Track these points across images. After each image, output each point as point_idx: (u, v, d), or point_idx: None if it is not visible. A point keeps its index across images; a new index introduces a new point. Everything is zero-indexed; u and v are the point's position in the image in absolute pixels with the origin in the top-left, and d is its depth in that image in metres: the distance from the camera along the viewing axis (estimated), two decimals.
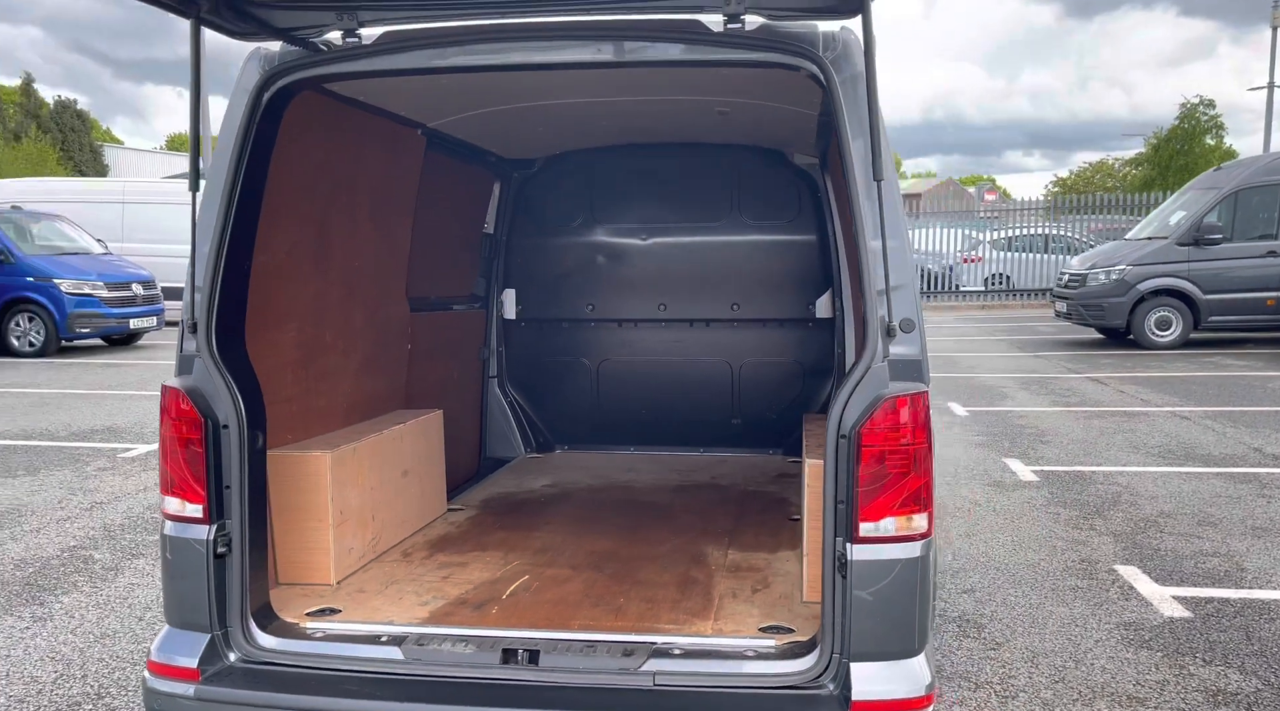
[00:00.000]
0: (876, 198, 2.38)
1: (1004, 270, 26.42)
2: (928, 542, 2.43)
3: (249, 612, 2.56)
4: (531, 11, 2.50)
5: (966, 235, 27.37)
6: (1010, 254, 26.35)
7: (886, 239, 2.40)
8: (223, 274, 2.58)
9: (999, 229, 27.41)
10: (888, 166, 2.45)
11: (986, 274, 26.45)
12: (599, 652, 2.50)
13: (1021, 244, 26.41)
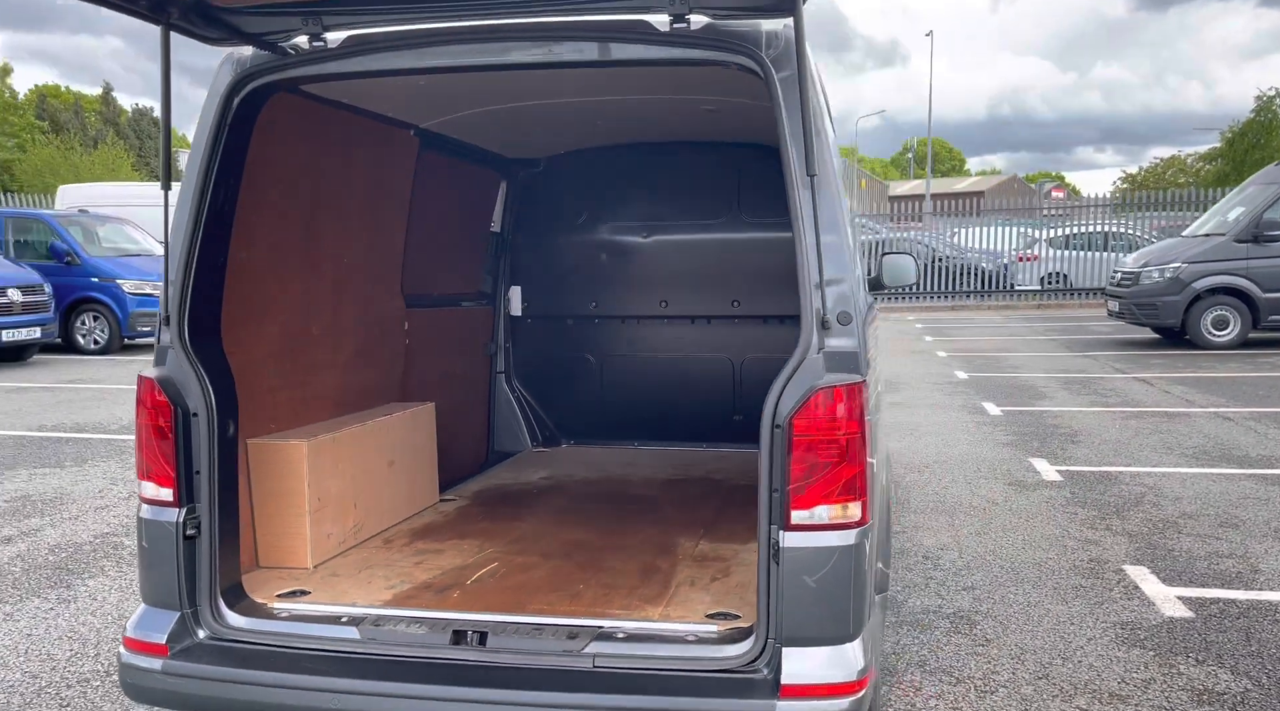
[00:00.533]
0: (810, 192, 2.42)
1: (1062, 269, 25.89)
2: (863, 531, 2.47)
3: (218, 592, 2.69)
4: (484, 14, 2.60)
5: (1023, 233, 26.88)
6: (1068, 252, 25.81)
7: (821, 234, 2.44)
8: (195, 270, 2.71)
9: (1056, 227, 26.85)
10: (824, 162, 2.50)
11: (1043, 273, 25.93)
12: (545, 635, 2.58)
13: (1080, 242, 25.85)
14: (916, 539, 5.57)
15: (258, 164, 2.98)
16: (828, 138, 2.70)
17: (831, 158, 2.61)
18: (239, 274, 2.99)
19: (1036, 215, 28.53)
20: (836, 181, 2.55)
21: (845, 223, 2.56)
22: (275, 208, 3.17)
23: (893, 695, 3.63)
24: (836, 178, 2.55)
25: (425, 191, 4.17)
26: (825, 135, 2.65)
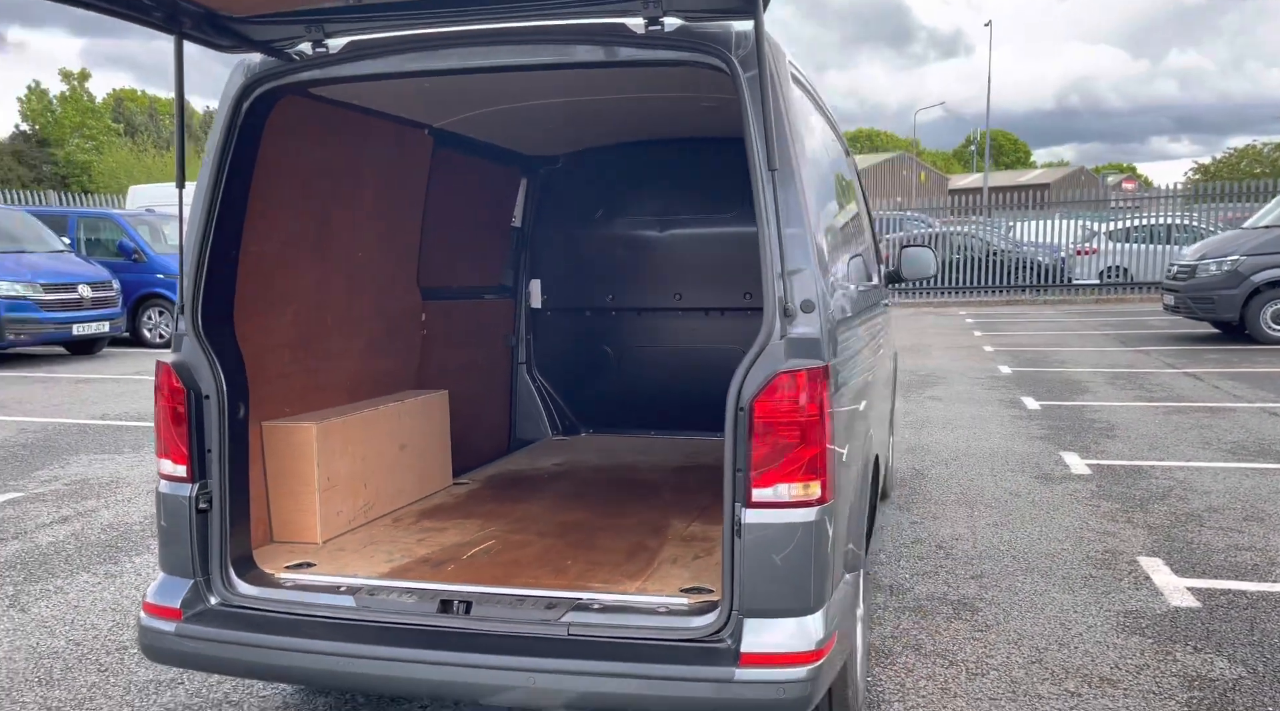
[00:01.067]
0: (772, 186, 2.54)
1: (1122, 262, 25.36)
2: (822, 509, 2.58)
3: (229, 562, 2.90)
4: (472, 20, 2.75)
5: (1083, 226, 26.38)
6: (1129, 245, 25.27)
7: (782, 226, 2.56)
8: (209, 263, 2.93)
9: (1116, 219, 26.28)
10: (787, 158, 2.62)
11: (1102, 266, 25.43)
12: (525, 605, 2.74)
13: (1142, 235, 25.28)
14: (933, 529, 5.63)
15: (271, 163, 3.18)
16: (801, 135, 2.81)
17: (799, 154, 2.71)
18: (253, 267, 3.20)
19: (1104, 207, 27.86)
20: (800, 176, 2.66)
21: (810, 215, 2.67)
22: (289, 204, 3.38)
23: (885, 676, 3.73)
24: (800, 173, 2.66)
25: (442, 188, 4.36)
26: (796, 132, 2.75)
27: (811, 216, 2.70)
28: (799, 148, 2.74)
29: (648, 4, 2.56)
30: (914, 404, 9.95)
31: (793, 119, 2.77)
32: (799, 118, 2.90)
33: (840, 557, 2.79)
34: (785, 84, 2.76)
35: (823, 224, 2.99)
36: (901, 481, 6.76)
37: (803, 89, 3.23)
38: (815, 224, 2.75)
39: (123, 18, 2.65)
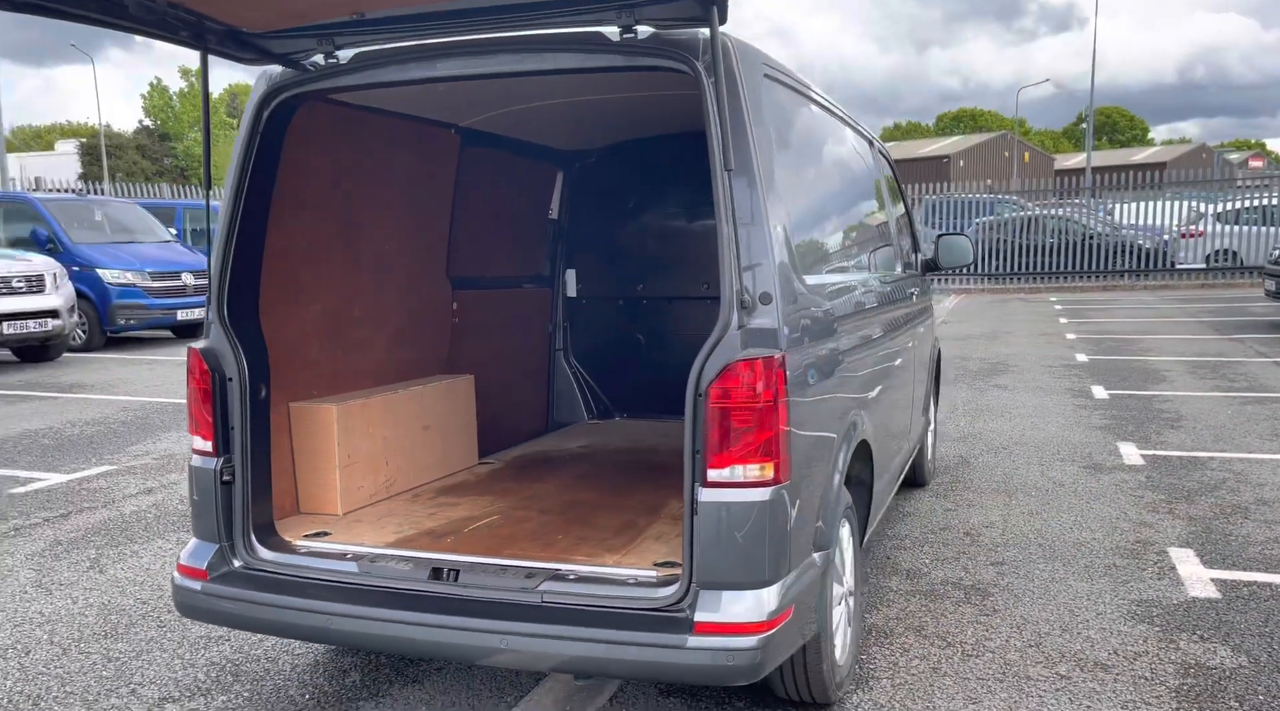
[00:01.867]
0: (727, 185, 2.70)
1: (1230, 245, 24.28)
2: (777, 489, 2.74)
3: (250, 529, 3.21)
4: (465, 31, 2.98)
5: (1190, 207, 25.32)
6: (1240, 227, 24.16)
7: (738, 223, 2.72)
8: (233, 258, 3.23)
9: (1225, 200, 25.14)
10: (746, 158, 2.77)
11: (1209, 250, 24.40)
12: (508, 574, 2.97)
13: (1253, 216, 24.15)
14: (965, 516, 5.67)
15: (297, 165, 3.47)
16: (768, 136, 2.94)
17: (764, 154, 2.85)
18: (281, 260, 3.50)
19: (1230, 187, 26.38)
20: (760, 176, 2.80)
21: (769, 213, 2.81)
22: (315, 202, 3.66)
23: (880, 654, 3.85)
24: (760, 173, 2.81)
25: (473, 183, 4.61)
26: (763, 133, 2.89)
27: (772, 214, 2.84)
28: (764, 148, 2.88)
29: (621, 14, 2.74)
30: (977, 392, 9.88)
31: (760, 120, 2.91)
32: (770, 118, 3.03)
33: (804, 536, 2.94)
34: (752, 87, 2.91)
35: (795, 221, 3.12)
36: (945, 469, 6.79)
37: (789, 88, 3.36)
38: (778, 221, 2.89)
39: (155, 37, 2.95)
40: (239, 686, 3.65)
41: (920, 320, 5.47)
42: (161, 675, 3.75)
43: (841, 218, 3.86)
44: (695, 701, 3.48)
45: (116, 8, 2.73)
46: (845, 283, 3.66)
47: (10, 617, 4.34)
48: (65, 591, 4.65)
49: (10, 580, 4.81)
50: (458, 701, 3.50)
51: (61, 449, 7.76)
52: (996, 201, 26.83)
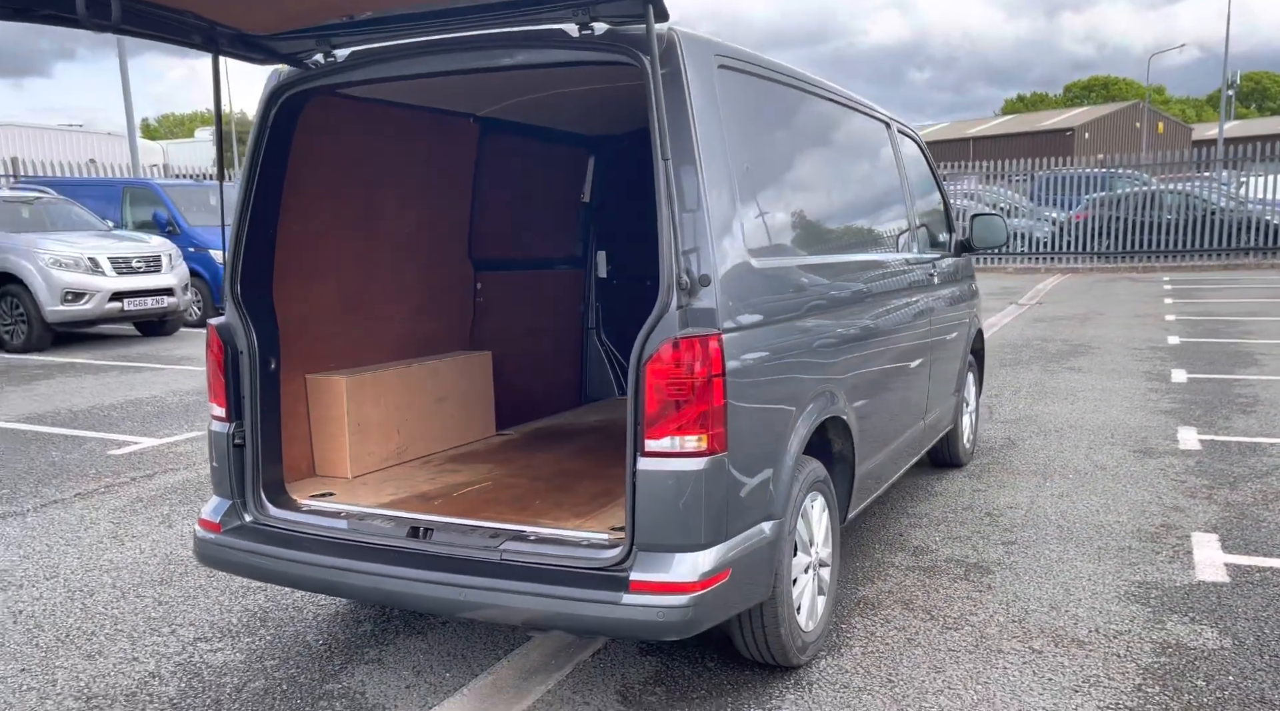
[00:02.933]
0: (665, 173, 2.87)
1: None
2: (713, 459, 2.91)
3: (260, 488, 3.56)
4: (441, 30, 3.22)
5: None
6: None
7: (676, 208, 2.89)
8: (246, 242, 3.56)
9: None
10: (687, 147, 2.94)
11: None
12: (475, 534, 3.24)
13: None
14: (991, 497, 5.69)
15: (310, 154, 3.78)
16: (713, 127, 3.07)
17: (709, 143, 3.01)
18: (297, 243, 3.82)
19: None
20: (702, 164, 2.96)
21: (710, 201, 2.97)
22: (332, 188, 3.97)
23: (859, 624, 3.97)
24: (703, 161, 2.96)
25: (494, 170, 4.87)
26: (707, 125, 3.04)
27: (715, 200, 3.00)
28: (710, 136, 3.04)
29: (577, 12, 2.95)
30: (1048, 374, 9.70)
31: (709, 109, 3.06)
32: (727, 106, 3.18)
33: (749, 505, 3.10)
34: (702, 77, 3.06)
35: (754, 205, 3.27)
36: (988, 450, 6.77)
37: (757, 76, 3.49)
38: (724, 207, 3.05)
39: (172, 42, 3.29)
40: (264, 631, 4.03)
41: (946, 301, 5.49)
42: (200, 618, 4.17)
43: (826, 200, 3.96)
44: (670, 659, 3.69)
45: (138, 17, 3.07)
46: (820, 264, 3.76)
47: (84, 564, 4.84)
48: (135, 542, 5.15)
49: (92, 531, 5.34)
50: (453, 652, 3.80)
51: (160, 416, 8.41)
52: (1113, 176, 25.72)
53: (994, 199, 25.68)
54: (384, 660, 3.75)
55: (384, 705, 3.41)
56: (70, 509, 5.74)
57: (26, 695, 3.52)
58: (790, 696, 3.41)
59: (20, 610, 4.28)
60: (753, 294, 3.18)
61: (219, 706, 3.42)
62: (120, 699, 3.48)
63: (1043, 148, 43.98)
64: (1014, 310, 15.68)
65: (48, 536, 5.26)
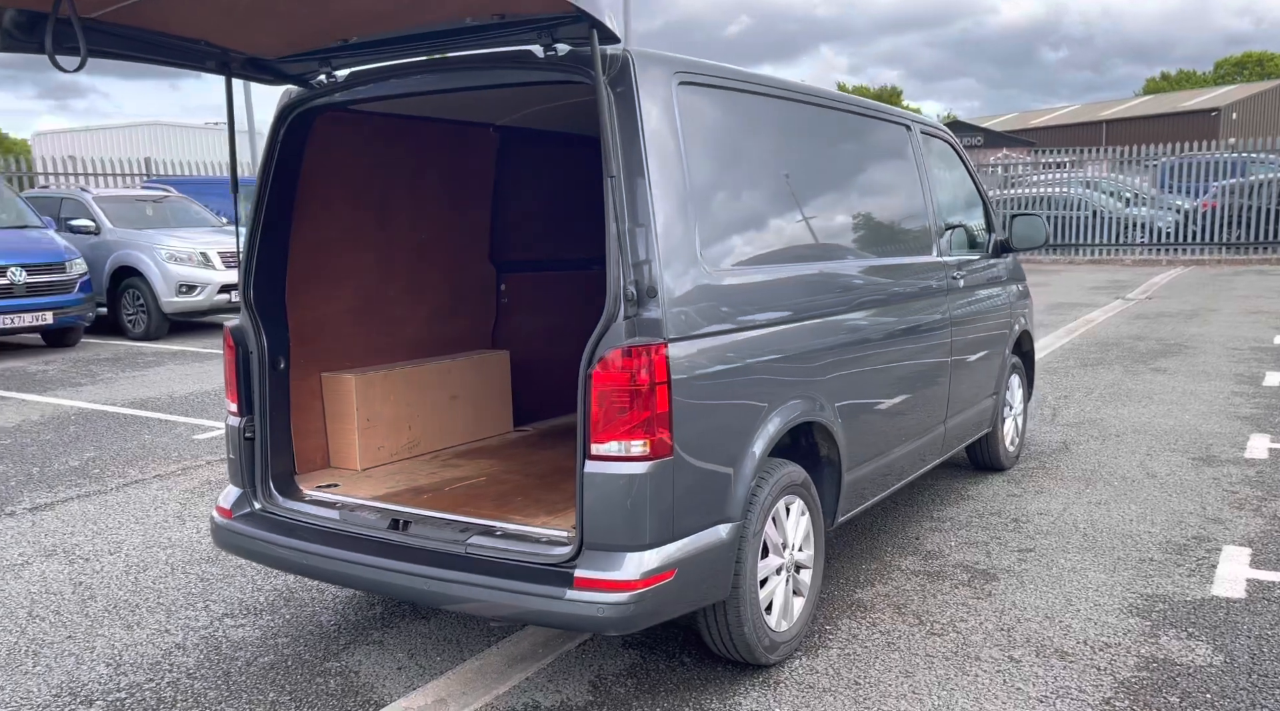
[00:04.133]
0: (611, 189, 2.99)
1: None
2: (656, 464, 3.03)
3: (269, 479, 3.85)
4: (419, 51, 3.44)
5: None
6: None
7: (621, 222, 3.01)
8: (259, 250, 3.85)
9: None
10: (636, 164, 3.05)
11: None
12: (447, 528, 3.44)
13: None
14: (1025, 503, 5.60)
15: (323, 166, 4.05)
16: (665, 143, 3.16)
17: (661, 159, 3.11)
18: (313, 249, 4.10)
19: None
20: (651, 181, 3.07)
21: (658, 215, 3.07)
22: (347, 197, 4.23)
23: (845, 625, 4.02)
24: (652, 177, 3.07)
25: (516, 177, 5.07)
26: (660, 141, 3.14)
27: (663, 215, 3.11)
28: (663, 152, 3.14)
29: (541, 34, 3.12)
30: (1129, 374, 9.36)
31: (663, 126, 3.17)
32: (687, 122, 3.28)
33: (700, 507, 3.20)
34: (656, 95, 3.17)
35: (714, 218, 3.36)
36: (1037, 454, 6.63)
37: (727, 89, 3.56)
38: (675, 221, 3.15)
39: (186, 68, 3.60)
40: (286, 610, 4.35)
41: (976, 303, 5.42)
42: (233, 596, 4.52)
43: (809, 209, 3.99)
44: (649, 652, 3.83)
45: (162, 49, 3.39)
46: (798, 273, 3.80)
47: (145, 540, 5.28)
48: (195, 522, 5.57)
49: (160, 510, 5.80)
50: (449, 637, 4.03)
51: None
52: (1249, 161, 24.27)
53: (1112, 187, 24.63)
54: (385, 642, 4.00)
55: (373, 684, 3.66)
56: (147, 489, 6.23)
57: (66, 659, 3.91)
58: (754, 694, 3.51)
59: (80, 581, 4.72)
60: (711, 304, 3.27)
61: (228, 678, 3.73)
62: (145, 666, 3.83)
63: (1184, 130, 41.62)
64: (1118, 305, 15.08)
65: (121, 513, 5.74)
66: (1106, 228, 24.29)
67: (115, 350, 12.32)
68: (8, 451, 7.21)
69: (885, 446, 4.45)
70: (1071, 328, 12.68)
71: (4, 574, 4.81)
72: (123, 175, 21.94)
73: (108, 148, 26.22)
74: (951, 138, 5.60)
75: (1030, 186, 25.78)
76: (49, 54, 2.83)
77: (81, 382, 10.04)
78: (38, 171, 20.93)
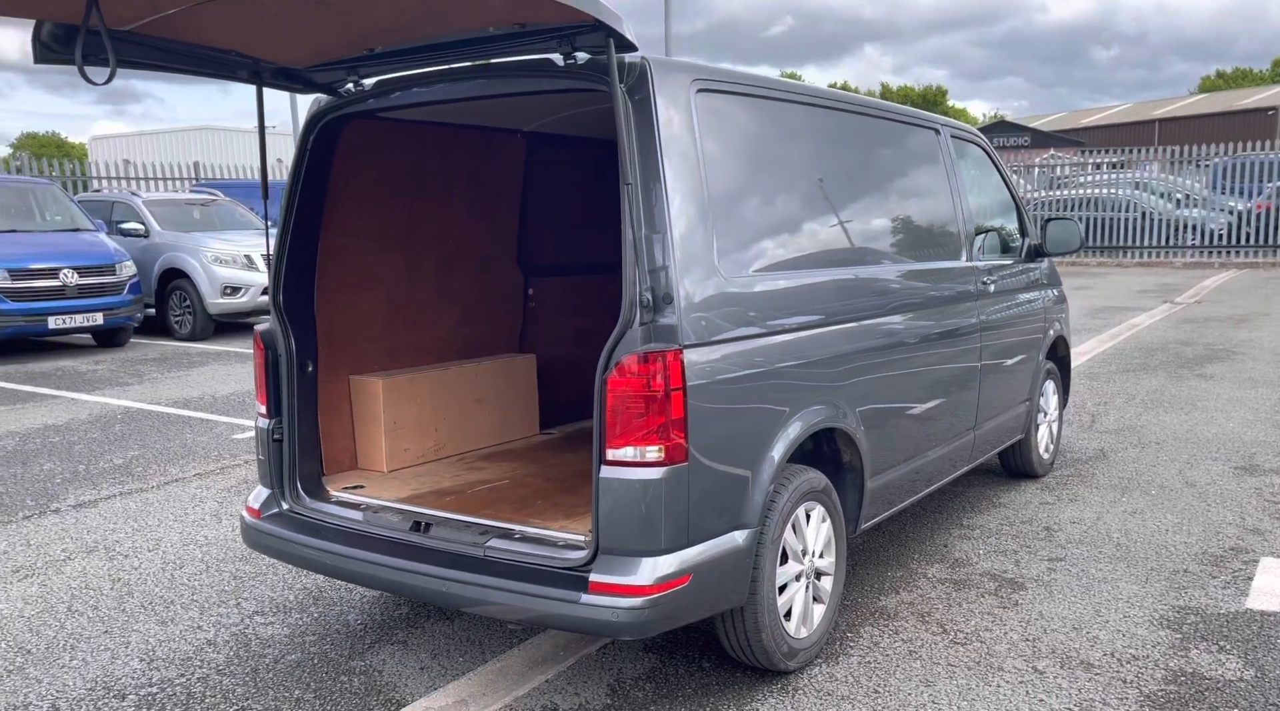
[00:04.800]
0: (627, 196, 3.01)
1: None
2: (671, 469, 3.04)
3: (297, 480, 3.91)
4: (443, 60, 3.48)
5: None
6: None
7: (637, 229, 3.02)
8: (288, 253, 3.92)
9: None
10: (653, 172, 3.07)
11: None
12: (467, 530, 3.48)
13: None
14: (1057, 511, 5.53)
15: (353, 172, 4.11)
16: (685, 151, 3.16)
17: (678, 167, 3.12)
18: (341, 254, 4.16)
19: None
20: (668, 189, 3.08)
21: (673, 224, 3.08)
22: (375, 204, 4.30)
23: (866, 632, 4.00)
24: (669, 186, 3.08)
25: (546, 182, 5.11)
26: (680, 150, 3.15)
27: (680, 223, 3.12)
28: (681, 159, 3.16)
29: (561, 43, 3.15)
30: (1173, 380, 9.19)
31: (682, 133, 3.18)
32: (706, 129, 3.29)
33: (716, 513, 3.21)
34: (675, 102, 3.18)
35: (732, 225, 3.37)
36: (1073, 461, 6.54)
37: (746, 96, 3.57)
38: (692, 228, 3.16)
39: (219, 78, 3.68)
40: (314, 608, 4.42)
41: (1009, 308, 5.36)
42: (264, 594, 4.60)
43: (833, 215, 3.98)
44: (669, 657, 3.84)
45: (195, 60, 3.47)
46: (820, 280, 3.79)
47: (183, 538, 5.40)
48: (231, 521, 5.68)
49: (198, 509, 5.92)
50: (472, 638, 4.07)
51: None
52: None
53: (1163, 187, 24.16)
54: (409, 642, 4.05)
55: (395, 684, 3.71)
56: (186, 487, 6.37)
57: (101, 654, 4.01)
58: (771, 700, 3.50)
59: (119, 577, 4.83)
60: (730, 310, 3.28)
61: (256, 675, 3.80)
62: (177, 661, 3.92)
63: (1240, 130, 40.68)
64: (1164, 309, 14.80)
65: (161, 511, 5.87)
66: (1156, 229, 23.84)
67: (162, 350, 12.59)
68: (56, 449, 7.40)
69: (911, 453, 4.42)
70: (1115, 332, 12.46)
71: (47, 569, 4.95)
72: (172, 179, 22.39)
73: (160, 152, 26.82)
74: (984, 141, 5.55)
75: (1077, 187, 25.37)
76: (78, 66, 2.91)
77: (129, 382, 10.27)
78: (91, 176, 21.42)
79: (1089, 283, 19.17)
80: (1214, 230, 23.28)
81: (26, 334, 11.77)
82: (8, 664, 3.92)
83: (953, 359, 4.72)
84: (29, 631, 4.22)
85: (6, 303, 11.39)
